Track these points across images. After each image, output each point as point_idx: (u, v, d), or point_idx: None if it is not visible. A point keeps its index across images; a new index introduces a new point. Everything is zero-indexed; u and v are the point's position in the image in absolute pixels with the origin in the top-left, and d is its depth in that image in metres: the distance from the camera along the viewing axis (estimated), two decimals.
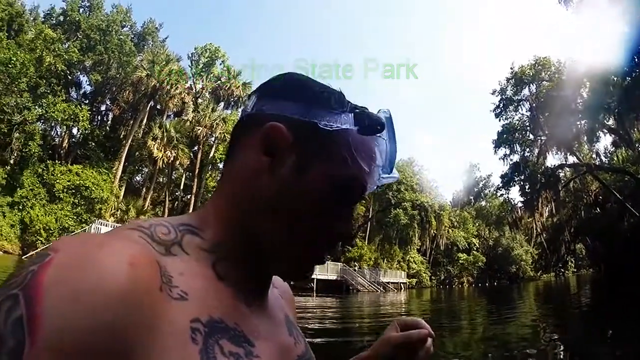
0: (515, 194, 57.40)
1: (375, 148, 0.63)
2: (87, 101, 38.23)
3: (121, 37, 37.20)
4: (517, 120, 36.53)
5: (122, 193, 35.94)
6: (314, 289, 34.92)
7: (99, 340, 0.39)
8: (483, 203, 67.89)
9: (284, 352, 0.64)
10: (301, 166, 0.60)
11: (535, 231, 40.64)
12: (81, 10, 37.07)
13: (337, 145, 0.61)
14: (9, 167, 28.87)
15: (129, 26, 40.30)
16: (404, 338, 0.82)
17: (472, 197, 70.21)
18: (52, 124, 33.63)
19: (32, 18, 34.88)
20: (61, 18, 36.74)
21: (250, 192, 0.61)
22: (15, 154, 29.97)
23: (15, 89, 27.60)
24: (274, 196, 0.60)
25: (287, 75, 0.67)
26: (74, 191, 30.44)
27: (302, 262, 0.64)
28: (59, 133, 36.37)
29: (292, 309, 0.83)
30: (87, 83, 38.54)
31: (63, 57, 31.71)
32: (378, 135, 0.62)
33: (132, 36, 40.48)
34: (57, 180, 30.12)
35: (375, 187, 0.67)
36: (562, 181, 37.89)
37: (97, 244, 0.44)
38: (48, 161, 31.65)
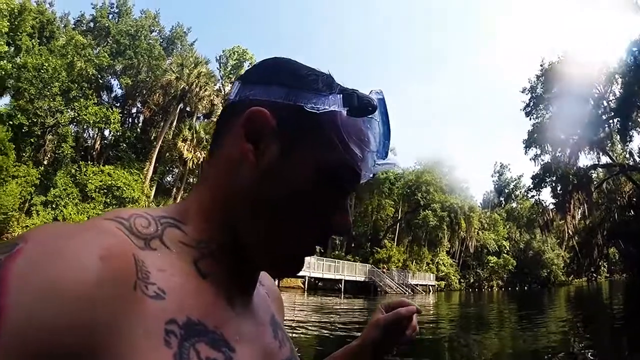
0: (546, 196, 55.99)
1: (367, 132, 0.59)
2: (118, 104, 39.06)
3: (150, 41, 37.86)
4: (548, 119, 35.34)
5: (152, 193, 36.61)
6: (342, 290, 34.80)
7: (63, 340, 0.36)
8: (514, 205, 66.68)
9: (267, 357, 0.60)
10: (286, 152, 0.56)
11: (567, 234, 39.53)
12: (110, 16, 37.92)
13: (325, 129, 0.57)
14: (42, 168, 29.77)
15: (157, 31, 41.02)
16: (394, 315, 0.87)
17: (502, 199, 68.96)
18: (85, 127, 34.47)
19: (63, 25, 35.94)
20: (91, 24, 37.73)
21: (233, 182, 0.57)
22: (49, 155, 30.98)
23: (48, 93, 28.47)
24: (258, 185, 0.56)
25: (271, 60, 0.63)
26: (105, 191, 31.24)
27: (290, 257, 0.60)
28: (91, 135, 37.38)
29: (279, 308, 0.78)
30: (118, 86, 39.48)
31: (94, 62, 32.48)
32: (370, 117, 0.58)
33: (161, 40, 41.20)
34: (90, 181, 30.95)
35: (371, 175, 0.62)
36: (595, 182, 36.70)
37: (67, 236, 0.41)
38: (81, 162, 32.55)
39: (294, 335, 10.57)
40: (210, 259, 0.55)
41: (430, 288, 47.14)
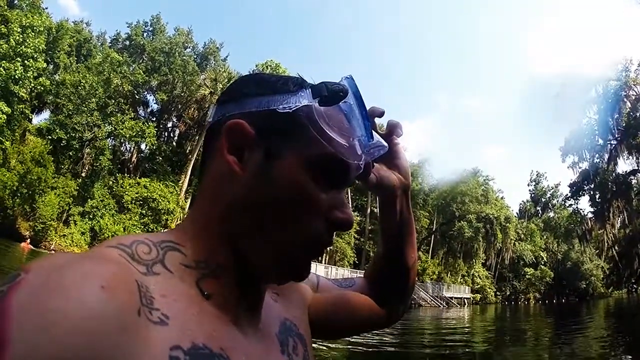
0: (585, 204, 53.44)
1: (347, 119, 0.58)
2: (154, 118, 39.80)
3: (184, 57, 38.41)
4: (585, 124, 33.67)
5: (187, 205, 36.93)
6: None
7: None
8: (551, 214, 63.86)
9: None
10: (270, 157, 0.56)
11: (606, 244, 37.42)
12: (145, 34, 38.78)
13: (303, 126, 0.56)
14: (80, 180, 30.41)
15: (191, 47, 41.57)
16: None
17: (539, 208, 66.40)
18: (121, 140, 35.14)
19: (99, 43, 37.20)
20: (127, 42, 38.65)
21: (223, 197, 0.57)
22: (86, 168, 31.70)
23: (85, 108, 29.26)
24: (247, 195, 0.56)
25: (241, 78, 0.65)
26: (141, 202, 31.70)
27: (294, 261, 0.58)
28: (128, 148, 38.07)
29: (296, 302, 0.74)
30: (154, 102, 40.15)
31: (129, 78, 33.28)
32: (343, 101, 0.57)
33: (195, 56, 41.74)
34: (126, 192, 31.47)
35: (363, 162, 0.60)
36: (635, 189, 34.46)
37: (69, 266, 0.40)
38: (117, 174, 33.24)
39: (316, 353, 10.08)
40: (211, 279, 0.54)
41: (465, 301, 45.83)
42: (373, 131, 0.61)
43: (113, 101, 31.99)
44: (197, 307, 0.50)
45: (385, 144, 0.65)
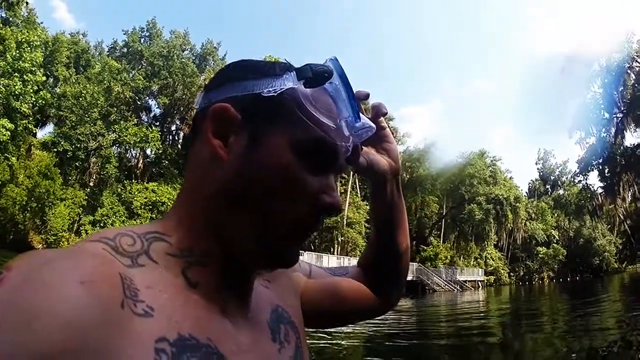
0: (594, 180, 52.68)
1: (333, 100, 0.58)
2: (157, 123, 39.74)
3: (183, 60, 38.25)
4: (590, 98, 32.99)
5: None
6: None
7: None
8: (561, 192, 63.22)
9: None
10: (256, 141, 0.55)
11: (618, 218, 36.80)
12: (142, 40, 38.57)
13: (289, 109, 0.56)
14: (89, 189, 30.51)
15: (189, 49, 41.39)
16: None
17: (548, 186, 65.69)
18: (127, 147, 35.20)
19: (97, 53, 37.21)
20: (124, 50, 38.48)
21: (208, 182, 0.56)
22: (94, 177, 31.85)
23: (88, 118, 29.32)
24: (233, 179, 0.54)
25: (228, 64, 0.64)
26: (151, 207, 31.67)
27: (281, 247, 0.57)
28: (133, 154, 38.08)
29: (288, 289, 0.73)
30: (156, 106, 39.98)
31: (130, 85, 33.24)
32: (329, 82, 0.57)
33: (193, 58, 41.61)
34: (135, 198, 31.47)
35: (351, 144, 0.60)
36: None
37: (48, 263, 0.40)
38: (125, 181, 33.23)
39: (332, 347, 9.93)
40: (197, 267, 0.53)
41: (479, 283, 45.63)
42: (360, 113, 0.60)
43: (115, 109, 32.02)
44: (184, 296, 0.50)
45: (373, 125, 0.63)
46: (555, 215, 59.62)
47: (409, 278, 37.10)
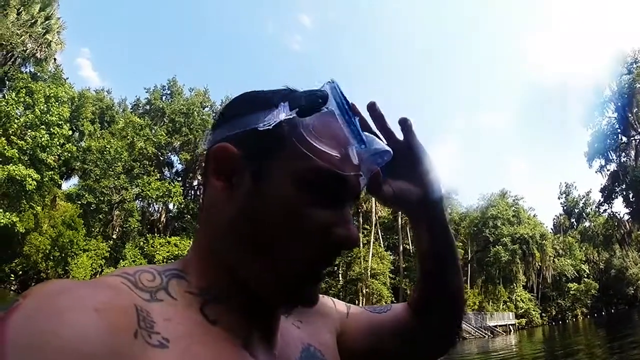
0: (619, 207, 50.74)
1: (336, 127, 0.53)
2: (179, 178, 40.19)
3: (203, 116, 39.18)
4: (606, 125, 32.33)
5: None
6: None
7: None
8: (587, 224, 60.94)
9: None
10: (259, 177, 0.53)
11: None
12: (163, 97, 39.65)
13: (286, 141, 0.52)
14: (112, 241, 30.41)
15: (209, 106, 42.43)
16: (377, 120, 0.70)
17: (573, 220, 63.42)
18: (149, 201, 35.38)
19: (121, 109, 38.34)
20: (147, 107, 39.50)
21: (217, 224, 0.55)
22: (117, 230, 31.80)
23: (112, 172, 29.76)
24: (238, 219, 0.53)
25: (233, 98, 0.61)
26: (173, 261, 31.21)
27: (298, 287, 0.54)
28: (156, 209, 38.15)
29: (323, 328, 0.70)
30: (178, 162, 40.65)
31: (152, 141, 33.91)
32: (325, 108, 0.52)
33: (213, 114, 42.60)
34: (157, 252, 31.19)
35: (364, 174, 0.57)
36: None
37: (64, 291, 0.40)
38: (148, 234, 33.09)
39: None
40: (215, 304, 0.52)
41: (511, 327, 43.08)
42: (375, 136, 0.58)
43: (138, 164, 32.48)
44: (202, 330, 0.48)
45: (388, 148, 0.59)
46: (584, 248, 57.16)
47: None
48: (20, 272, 24.78)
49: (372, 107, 0.67)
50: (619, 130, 31.39)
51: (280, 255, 0.51)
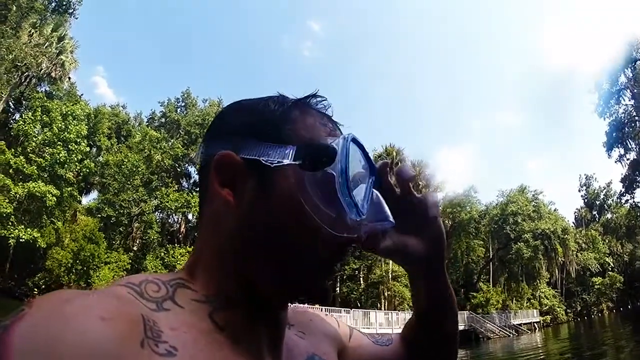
0: None
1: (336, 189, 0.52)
2: (197, 189, 40.20)
3: None
4: (623, 113, 31.19)
5: None
6: None
7: None
8: (609, 216, 59.11)
9: None
10: (264, 182, 0.52)
11: None
12: (178, 110, 39.93)
13: (289, 171, 0.52)
14: (132, 253, 30.60)
15: None
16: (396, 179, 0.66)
17: (595, 212, 61.49)
18: (168, 212, 35.53)
19: (137, 124, 38.78)
20: (162, 120, 39.82)
21: (223, 231, 0.54)
22: (137, 241, 31.98)
23: (130, 185, 29.99)
24: (246, 225, 0.53)
25: (221, 111, 0.61)
26: None
27: (309, 285, 0.54)
28: (175, 219, 38.36)
29: (326, 341, 0.70)
30: (195, 173, 40.72)
31: (169, 153, 34.14)
32: (329, 169, 0.51)
33: None
34: (178, 262, 31.17)
35: (358, 236, 0.55)
36: None
37: (71, 300, 0.39)
38: (168, 245, 33.14)
39: None
40: (223, 311, 0.52)
41: (535, 325, 41.79)
42: (380, 202, 0.56)
43: (156, 176, 32.68)
44: (210, 338, 0.48)
45: (391, 220, 0.56)
46: (607, 241, 55.40)
47: (461, 327, 34.21)
48: (43, 286, 24.96)
49: (381, 169, 0.62)
50: (636, 118, 30.23)
51: (288, 257, 0.51)
